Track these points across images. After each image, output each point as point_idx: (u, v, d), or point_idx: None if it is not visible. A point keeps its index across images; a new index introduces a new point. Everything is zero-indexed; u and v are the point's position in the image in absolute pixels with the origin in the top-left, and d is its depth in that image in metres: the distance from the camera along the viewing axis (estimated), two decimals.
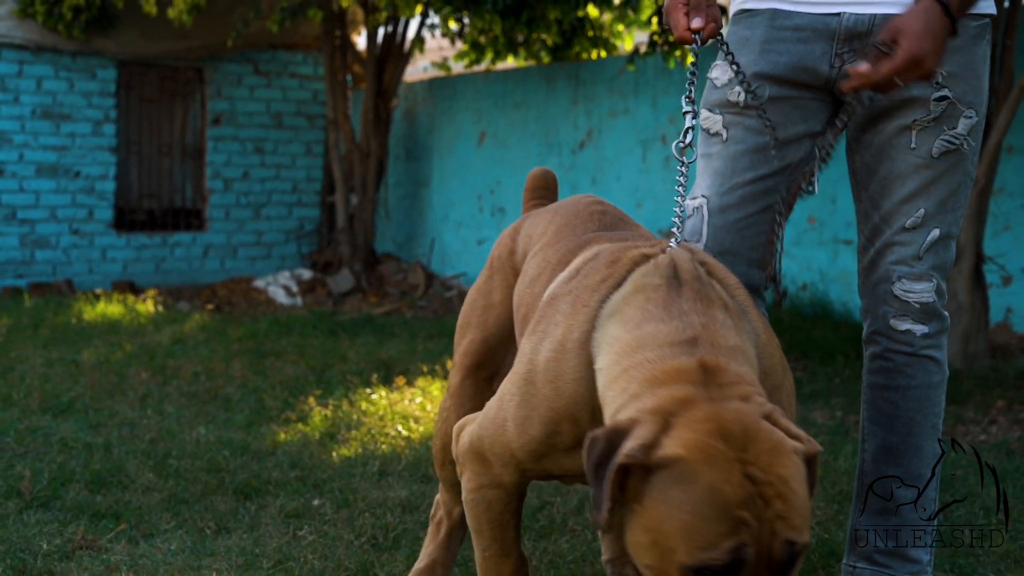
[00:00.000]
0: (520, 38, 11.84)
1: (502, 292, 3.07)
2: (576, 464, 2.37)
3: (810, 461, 2.09)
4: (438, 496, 3.34)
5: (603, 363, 2.28)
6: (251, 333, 8.35)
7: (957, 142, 2.76)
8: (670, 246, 2.50)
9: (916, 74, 2.55)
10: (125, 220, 12.39)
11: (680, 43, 2.83)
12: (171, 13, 9.94)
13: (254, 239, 13.02)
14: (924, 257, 2.86)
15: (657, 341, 2.20)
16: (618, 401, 2.18)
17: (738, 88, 2.93)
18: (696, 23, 2.76)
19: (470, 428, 2.63)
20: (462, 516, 3.28)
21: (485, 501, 2.62)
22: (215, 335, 8.25)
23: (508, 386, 2.51)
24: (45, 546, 3.55)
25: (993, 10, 2.87)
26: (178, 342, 7.88)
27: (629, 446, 2.01)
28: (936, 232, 2.84)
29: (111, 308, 9.53)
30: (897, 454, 3.02)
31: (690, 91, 2.79)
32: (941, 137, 2.77)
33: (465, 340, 3.16)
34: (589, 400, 2.33)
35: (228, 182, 12.85)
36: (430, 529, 3.36)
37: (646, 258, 2.42)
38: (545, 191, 3.48)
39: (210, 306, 10.54)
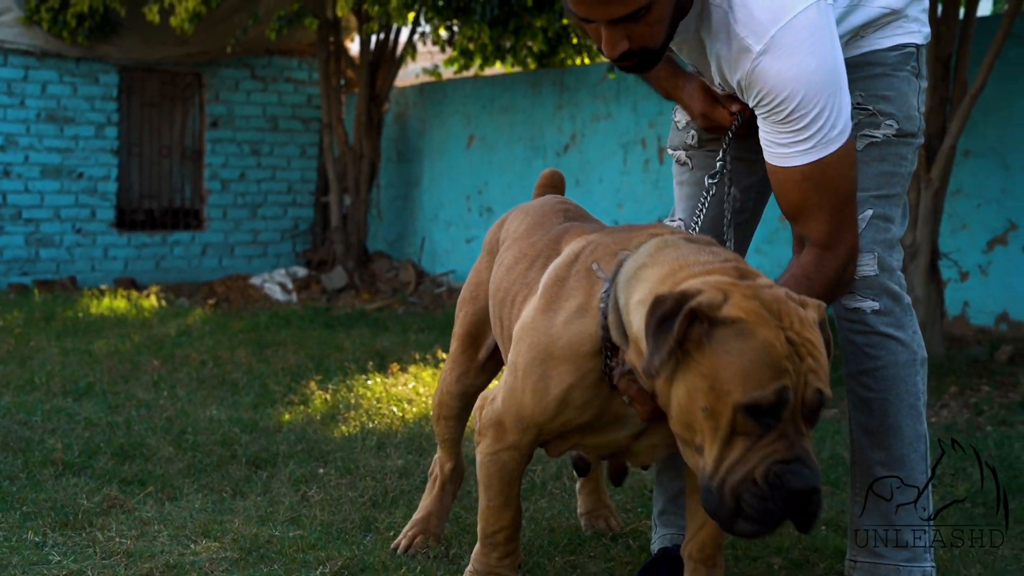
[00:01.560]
0: (507, 45, 12.29)
1: (489, 272, 3.56)
2: (585, 418, 2.87)
3: (822, 324, 2.62)
4: (435, 455, 3.83)
5: (641, 294, 2.69)
6: (252, 326, 8.83)
7: (877, 138, 3.14)
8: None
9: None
10: (126, 220, 12.85)
11: (721, 130, 3.28)
12: (173, 21, 10.35)
13: (251, 238, 13.47)
14: (861, 233, 3.10)
15: (697, 261, 2.70)
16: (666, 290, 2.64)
17: (692, 131, 3.41)
18: (734, 107, 3.20)
19: (492, 405, 3.08)
20: (453, 471, 3.80)
21: (500, 462, 3.06)
22: (218, 327, 8.72)
23: (523, 359, 2.93)
24: (85, 503, 4.01)
25: (914, 39, 3.20)
26: (184, 334, 8.34)
27: (700, 299, 2.52)
28: (869, 212, 3.11)
29: (117, 303, 10.00)
30: (877, 436, 3.18)
31: (725, 160, 3.27)
32: (862, 134, 3.18)
33: (462, 313, 3.70)
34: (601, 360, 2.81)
35: (226, 183, 13.30)
36: (428, 485, 3.85)
37: (653, 236, 2.88)
38: (553, 189, 3.95)
39: (211, 301, 11.00)
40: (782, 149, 2.91)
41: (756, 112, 2.95)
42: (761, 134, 2.99)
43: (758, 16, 2.82)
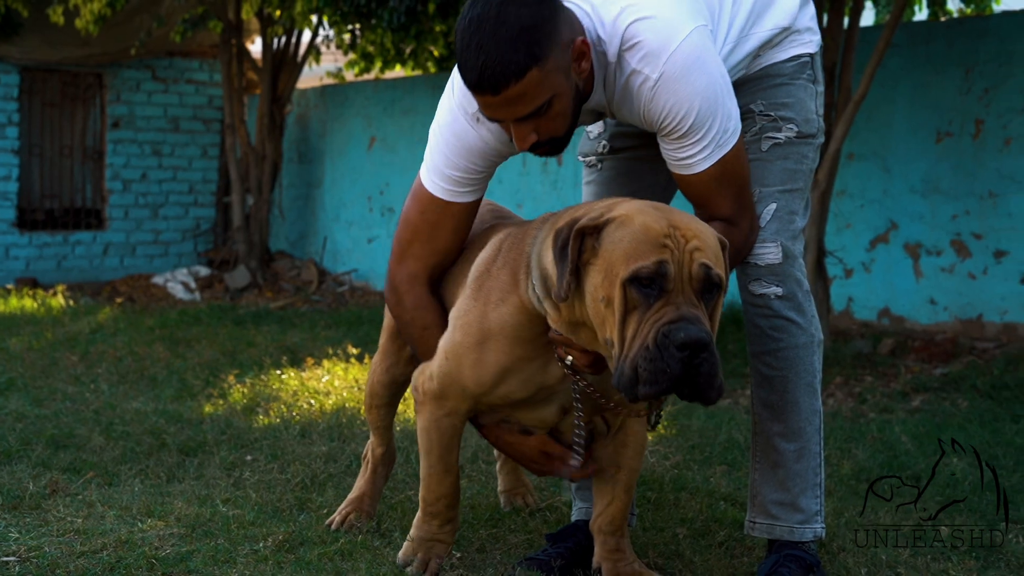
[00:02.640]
0: (408, 49, 12.54)
1: None
2: (522, 393, 3.20)
3: (724, 247, 2.96)
4: (368, 440, 4.12)
5: (549, 253, 3.03)
6: (163, 323, 9.01)
7: (780, 140, 3.44)
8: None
9: None
10: (27, 219, 12.89)
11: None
12: (78, 23, 10.43)
13: (152, 238, 13.58)
14: (766, 225, 3.40)
15: (593, 207, 3.04)
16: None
17: (604, 142, 3.73)
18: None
19: (427, 376, 3.37)
20: (384, 455, 4.09)
21: (440, 428, 3.35)
22: (130, 325, 8.89)
23: (460, 343, 3.24)
24: (31, 487, 4.22)
25: (808, 49, 3.54)
26: (97, 331, 8.50)
27: (585, 218, 2.89)
28: (774, 206, 3.41)
29: (24, 302, 10.09)
30: (777, 410, 3.43)
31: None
32: (765, 137, 3.51)
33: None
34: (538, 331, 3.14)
35: (127, 183, 13.41)
36: (361, 469, 4.13)
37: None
38: None
39: (118, 300, 11.13)
40: (687, 160, 3.20)
41: (659, 137, 3.23)
42: (665, 153, 3.27)
43: (648, 48, 3.09)
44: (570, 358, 3.08)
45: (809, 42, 3.52)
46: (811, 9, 3.56)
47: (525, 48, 2.95)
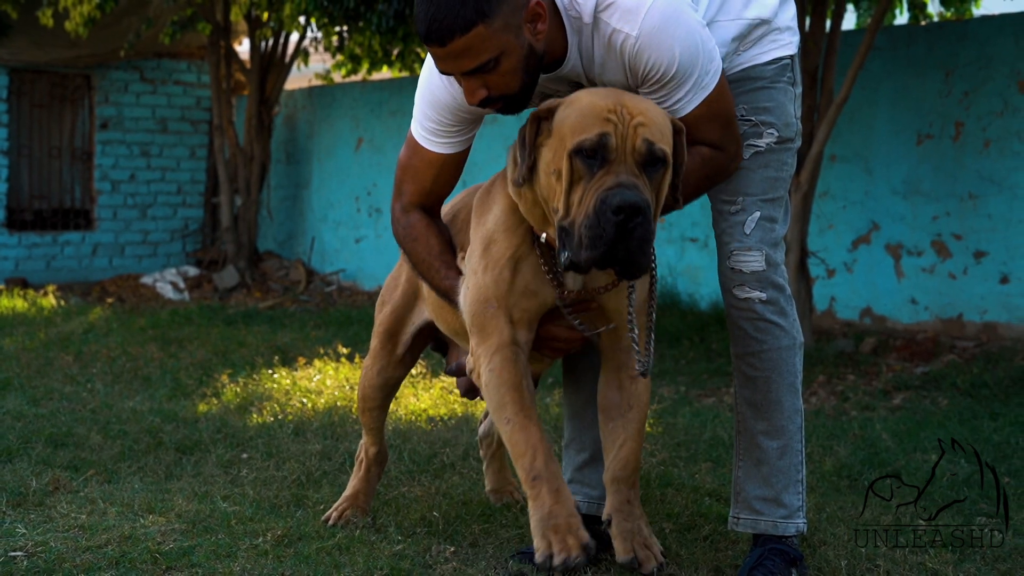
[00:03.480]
0: (395, 51, 12.62)
1: (405, 273, 3.98)
2: (533, 280, 3.33)
3: (678, 131, 3.18)
4: (361, 441, 4.23)
5: None
6: (155, 323, 9.11)
7: (761, 147, 3.55)
8: None
9: None
10: (16, 220, 12.96)
11: None
12: (68, 26, 10.51)
13: (141, 238, 13.66)
14: (751, 234, 3.51)
15: None
16: None
17: None
18: None
19: (470, 343, 3.45)
20: (377, 455, 4.20)
21: (498, 367, 3.31)
22: (122, 325, 8.99)
23: (475, 258, 3.40)
24: (34, 484, 4.33)
25: (788, 51, 3.62)
26: (90, 331, 8.60)
27: (542, 106, 3.15)
28: (757, 214, 3.52)
29: (16, 302, 10.18)
30: (761, 409, 3.53)
31: None
32: (747, 144, 3.61)
33: (382, 312, 4.11)
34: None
35: (116, 184, 13.49)
36: (355, 468, 4.24)
37: None
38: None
39: (109, 300, 11.21)
40: (674, 106, 3.32)
41: (645, 90, 3.34)
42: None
43: (624, 7, 3.22)
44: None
45: (789, 43, 3.60)
46: (792, 8, 3.65)
47: (473, 4, 3.10)
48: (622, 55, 3.25)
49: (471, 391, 3.92)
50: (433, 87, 3.50)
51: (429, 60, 3.48)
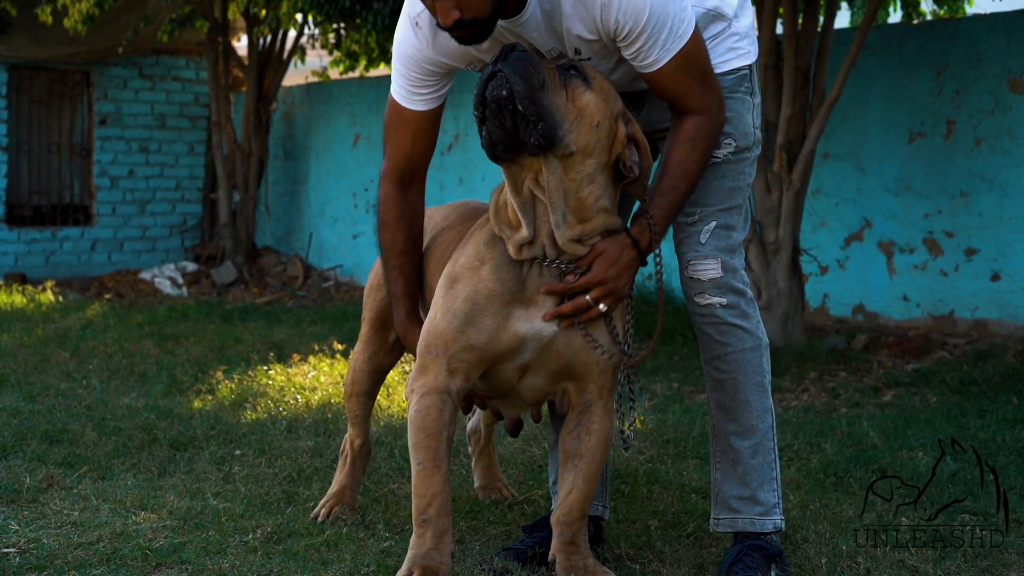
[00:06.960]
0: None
1: None
2: (487, 329, 3.34)
3: (626, 114, 3.34)
4: (346, 434, 4.28)
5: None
6: (152, 319, 9.17)
7: (719, 158, 3.59)
8: None
9: (601, 293, 3.39)
10: (16, 215, 13.02)
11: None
12: (67, 23, 10.53)
13: (139, 233, 13.71)
14: (706, 243, 3.56)
15: None
16: None
17: None
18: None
19: (414, 372, 3.48)
20: (362, 447, 4.25)
21: (423, 413, 3.36)
22: (119, 321, 9.05)
23: (438, 290, 3.44)
24: (28, 481, 4.38)
25: (747, 60, 3.64)
26: (87, 327, 8.65)
27: None
28: (713, 223, 3.57)
29: (14, 298, 10.24)
30: (730, 411, 3.59)
31: None
32: None
33: (371, 299, 4.21)
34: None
35: (114, 179, 13.54)
36: (339, 462, 4.29)
37: None
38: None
39: (107, 296, 11.27)
40: (651, 60, 3.35)
41: (620, 46, 3.38)
42: (630, 60, 3.43)
43: None
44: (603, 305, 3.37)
45: (747, 52, 3.63)
46: (751, 15, 3.69)
47: None
48: (592, 10, 3.29)
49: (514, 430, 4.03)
50: (401, 43, 3.55)
51: (402, 21, 3.54)
